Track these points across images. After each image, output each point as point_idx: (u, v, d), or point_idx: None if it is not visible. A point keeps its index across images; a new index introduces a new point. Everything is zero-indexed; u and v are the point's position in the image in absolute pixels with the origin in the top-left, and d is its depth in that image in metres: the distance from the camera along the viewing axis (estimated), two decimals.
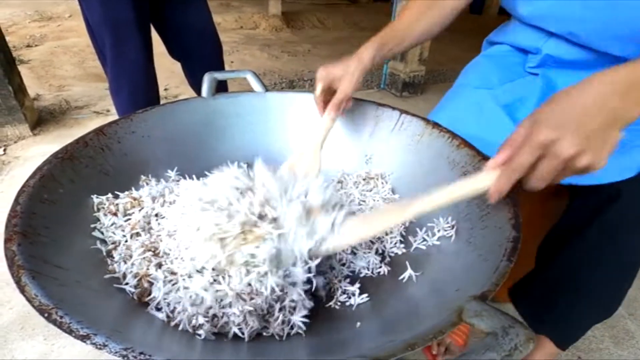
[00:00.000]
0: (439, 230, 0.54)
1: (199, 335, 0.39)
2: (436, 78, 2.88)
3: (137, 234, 0.52)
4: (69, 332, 0.28)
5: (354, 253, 0.55)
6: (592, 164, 0.37)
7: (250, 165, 0.76)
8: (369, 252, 0.55)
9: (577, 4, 0.55)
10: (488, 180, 0.42)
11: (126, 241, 0.50)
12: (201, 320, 0.39)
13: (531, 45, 0.66)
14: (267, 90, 0.80)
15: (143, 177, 0.63)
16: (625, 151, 0.62)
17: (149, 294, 0.44)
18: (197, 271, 0.43)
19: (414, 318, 0.39)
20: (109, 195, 0.55)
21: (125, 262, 0.47)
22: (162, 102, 2.16)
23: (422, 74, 2.51)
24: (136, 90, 1.16)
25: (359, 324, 0.44)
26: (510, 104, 0.67)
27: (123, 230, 0.52)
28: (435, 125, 0.67)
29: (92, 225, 0.51)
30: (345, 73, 0.61)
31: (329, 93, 0.65)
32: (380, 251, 0.57)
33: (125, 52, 1.09)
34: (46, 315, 0.29)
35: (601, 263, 0.65)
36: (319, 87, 0.64)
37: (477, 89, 0.71)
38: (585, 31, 0.56)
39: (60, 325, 0.29)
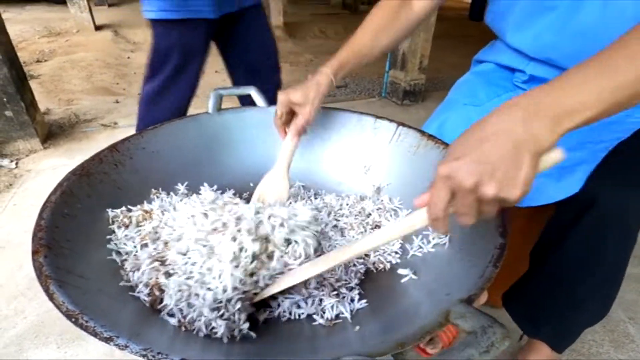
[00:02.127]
0: (433, 238, 0.57)
1: (215, 333, 0.42)
2: (437, 85, 2.93)
3: (145, 245, 0.55)
4: (94, 334, 0.32)
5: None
6: (503, 195, 0.34)
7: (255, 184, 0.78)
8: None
9: (552, 36, 0.61)
10: (422, 218, 0.41)
11: (136, 252, 0.54)
12: (220, 322, 0.43)
13: (516, 66, 0.70)
14: (270, 104, 0.83)
15: (154, 191, 0.66)
16: (570, 170, 0.66)
17: (161, 301, 0.47)
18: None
19: (408, 320, 0.42)
20: (123, 208, 0.59)
21: (134, 272, 0.50)
22: None
23: (423, 82, 2.56)
24: (182, 102, 1.24)
25: (357, 327, 0.47)
26: None
27: (134, 242, 0.55)
28: (431, 137, 0.71)
29: (108, 237, 0.55)
30: (306, 101, 0.64)
31: (289, 115, 0.68)
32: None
33: (187, 72, 1.18)
34: (73, 320, 0.33)
35: (587, 266, 0.68)
36: (278, 112, 0.67)
37: (465, 106, 0.75)
38: (561, 57, 0.61)
39: (86, 329, 0.32)
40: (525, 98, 0.37)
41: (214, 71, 3.08)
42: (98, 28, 3.80)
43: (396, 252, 0.59)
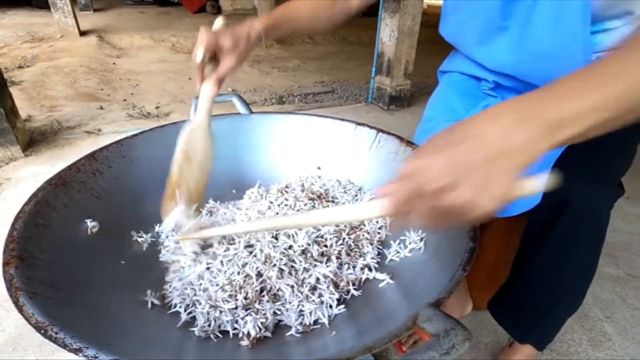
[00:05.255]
0: (410, 243, 0.59)
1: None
2: (422, 90, 2.97)
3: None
4: (63, 346, 0.32)
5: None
6: (468, 203, 0.30)
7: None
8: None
9: (508, 55, 0.64)
10: (377, 210, 0.38)
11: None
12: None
13: (480, 75, 0.73)
14: (251, 112, 0.84)
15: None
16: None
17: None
18: None
19: (382, 324, 0.42)
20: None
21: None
22: (153, 118, 2.20)
23: (408, 88, 2.60)
24: None
25: (334, 332, 0.47)
26: None
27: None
28: (409, 143, 0.72)
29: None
30: (234, 50, 0.57)
31: (211, 58, 0.60)
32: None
33: None
34: (42, 331, 0.33)
35: (563, 264, 0.71)
36: (201, 54, 0.57)
37: (447, 122, 0.76)
38: (520, 74, 0.65)
39: (55, 341, 0.32)
40: (515, 103, 0.32)
41: None
42: (83, 33, 3.76)
43: (373, 258, 0.60)
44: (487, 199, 0.30)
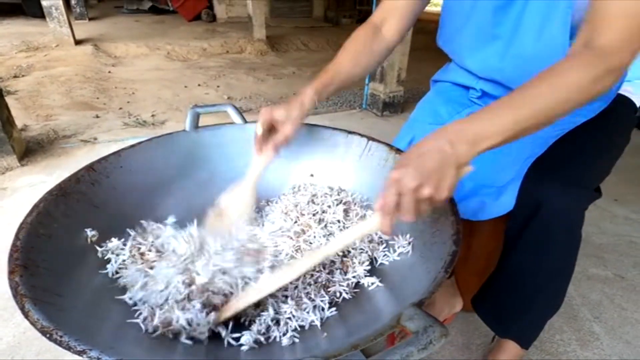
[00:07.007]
0: (398, 247, 0.61)
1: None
2: (415, 96, 3.02)
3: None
4: (68, 348, 0.33)
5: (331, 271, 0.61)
6: (434, 195, 0.46)
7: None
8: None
9: (496, 61, 0.70)
10: (375, 221, 0.51)
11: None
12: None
13: (469, 84, 0.78)
14: (246, 121, 0.87)
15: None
16: (505, 190, 0.75)
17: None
18: None
19: (370, 324, 0.45)
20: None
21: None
22: (148, 127, 2.22)
23: (401, 94, 2.64)
24: None
25: (325, 334, 0.50)
26: None
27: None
28: (398, 150, 0.75)
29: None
30: (288, 117, 0.66)
31: (268, 132, 0.69)
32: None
33: None
34: (48, 335, 0.35)
35: (538, 264, 0.74)
36: (260, 127, 0.68)
37: (430, 125, 0.82)
38: (505, 79, 0.71)
39: (60, 344, 0.34)
40: (454, 126, 0.50)
41: (197, 85, 3.11)
42: (78, 42, 3.78)
43: (364, 262, 0.62)
44: (443, 190, 0.47)
